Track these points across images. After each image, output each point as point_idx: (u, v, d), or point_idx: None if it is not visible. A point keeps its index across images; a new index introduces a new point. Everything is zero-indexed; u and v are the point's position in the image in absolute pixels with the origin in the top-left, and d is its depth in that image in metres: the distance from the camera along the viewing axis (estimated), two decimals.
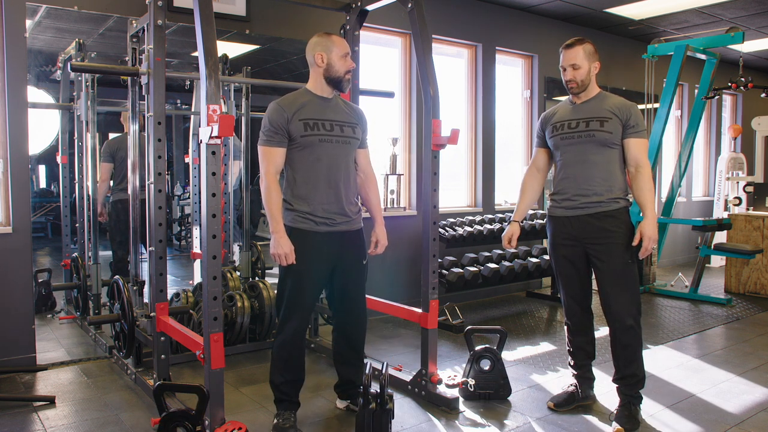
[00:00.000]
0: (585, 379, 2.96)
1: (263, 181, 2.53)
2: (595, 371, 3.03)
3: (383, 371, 2.58)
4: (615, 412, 2.75)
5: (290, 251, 2.50)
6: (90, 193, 4.18)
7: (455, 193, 5.70)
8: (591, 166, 2.73)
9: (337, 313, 2.84)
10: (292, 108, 2.55)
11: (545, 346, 4.00)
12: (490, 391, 3.03)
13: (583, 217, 2.75)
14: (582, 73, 2.73)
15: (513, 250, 2.95)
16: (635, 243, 2.70)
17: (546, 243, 5.10)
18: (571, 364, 2.98)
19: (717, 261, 7.29)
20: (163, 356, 3.01)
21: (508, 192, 6.09)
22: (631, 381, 2.74)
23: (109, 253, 4.70)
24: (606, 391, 3.02)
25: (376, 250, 2.82)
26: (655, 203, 2.76)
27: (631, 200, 2.83)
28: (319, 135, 2.57)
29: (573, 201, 2.77)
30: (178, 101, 5.04)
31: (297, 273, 2.58)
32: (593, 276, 2.85)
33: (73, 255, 4.40)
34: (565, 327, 2.97)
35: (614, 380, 2.80)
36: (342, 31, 3.63)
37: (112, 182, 4.59)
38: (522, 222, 3.05)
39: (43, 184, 6.63)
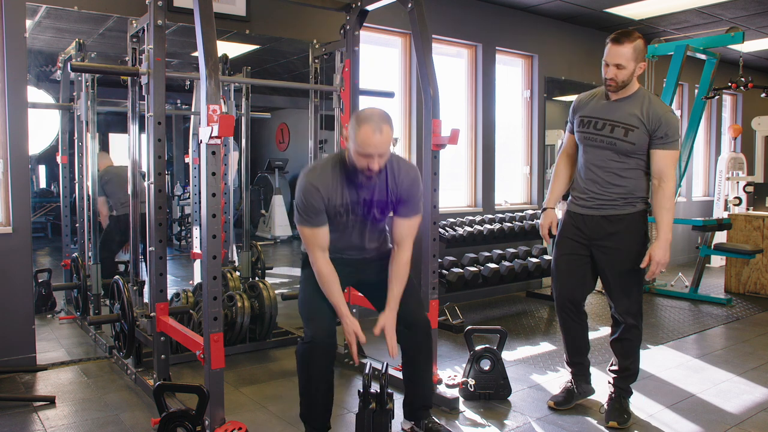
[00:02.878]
0: (580, 375, 2.99)
1: (314, 265, 2.35)
2: (592, 370, 3.03)
3: (383, 371, 2.58)
4: (606, 405, 2.79)
5: (358, 329, 2.37)
6: (90, 193, 4.18)
7: (455, 193, 5.69)
8: (609, 172, 2.67)
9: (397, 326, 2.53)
10: (326, 190, 2.30)
11: (545, 346, 4.00)
12: (490, 391, 3.03)
13: (596, 218, 2.72)
14: (625, 74, 2.55)
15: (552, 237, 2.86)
16: (644, 265, 2.62)
17: (546, 243, 5.10)
18: (567, 360, 3.01)
19: (717, 261, 7.29)
20: (163, 356, 3.01)
21: (508, 192, 6.09)
22: (625, 374, 2.79)
23: None
24: (604, 390, 3.03)
25: (386, 339, 2.41)
26: (671, 224, 2.60)
27: (650, 202, 2.76)
28: (352, 218, 2.39)
29: (588, 201, 2.74)
30: (178, 101, 5.04)
31: (313, 278, 2.43)
32: (592, 275, 2.86)
33: (73, 255, 4.40)
34: (559, 323, 2.96)
35: (609, 370, 2.84)
36: (342, 31, 3.63)
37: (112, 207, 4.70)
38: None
39: (43, 184, 6.63)
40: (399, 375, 3.21)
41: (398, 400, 3.01)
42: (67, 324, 4.40)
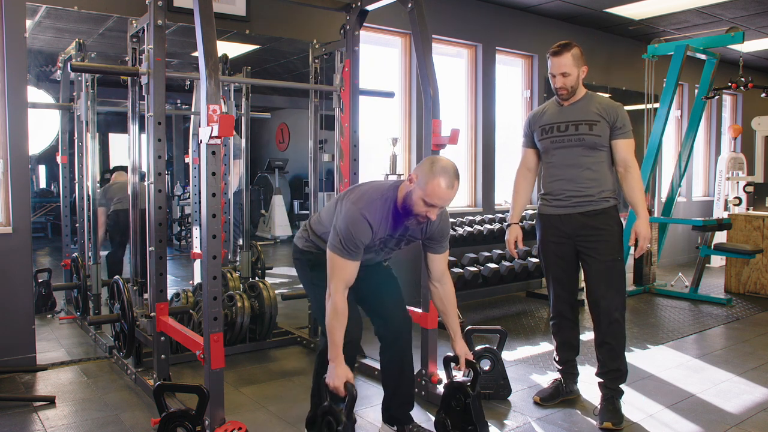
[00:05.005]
0: (569, 374, 3.03)
1: (330, 297, 2.21)
2: (588, 370, 3.04)
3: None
4: (599, 407, 2.81)
5: (341, 384, 2.18)
6: (90, 193, 4.18)
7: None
8: (581, 168, 2.78)
9: (375, 327, 2.53)
10: (377, 228, 2.25)
11: (545, 346, 4.00)
12: (490, 391, 3.03)
13: (574, 215, 2.80)
14: (571, 80, 2.75)
15: (519, 251, 2.96)
16: (631, 243, 2.78)
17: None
18: (556, 359, 3.05)
19: (717, 261, 7.29)
20: (163, 356, 3.01)
21: (508, 192, 6.08)
22: (615, 375, 2.80)
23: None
24: (592, 387, 3.02)
25: (458, 367, 2.52)
26: (645, 202, 2.83)
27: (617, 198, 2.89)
28: (380, 247, 2.36)
29: (565, 201, 2.82)
30: (178, 101, 5.04)
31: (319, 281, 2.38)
32: (581, 272, 2.91)
33: (73, 255, 4.40)
34: (551, 323, 3.02)
35: (598, 375, 2.85)
36: (342, 31, 3.63)
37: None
38: (521, 222, 3.09)
39: (43, 184, 6.63)
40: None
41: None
42: (67, 324, 4.40)
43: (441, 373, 3.20)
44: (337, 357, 2.20)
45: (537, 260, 4.90)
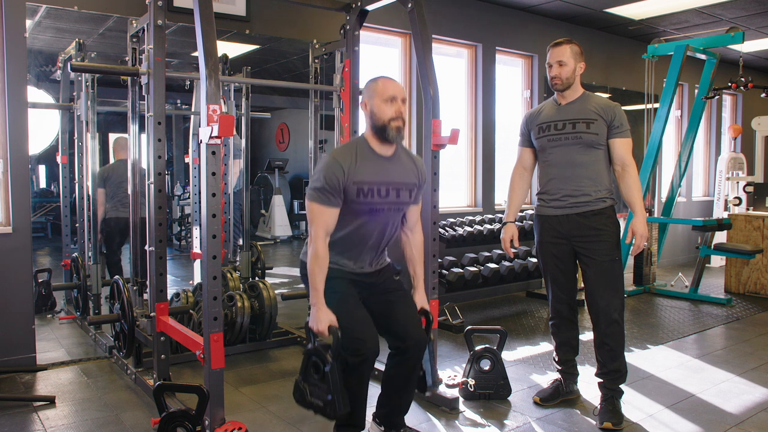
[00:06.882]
0: (569, 374, 3.03)
1: (311, 245, 2.23)
2: (587, 370, 3.04)
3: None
4: (599, 407, 2.81)
5: (325, 328, 2.17)
6: (90, 193, 4.18)
7: (455, 193, 5.69)
8: (578, 166, 2.78)
9: (390, 342, 2.44)
10: (349, 167, 2.26)
11: (545, 346, 4.00)
12: (490, 391, 3.03)
13: (572, 216, 2.80)
14: (567, 71, 2.77)
15: (514, 250, 2.98)
16: (627, 241, 2.80)
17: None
18: (556, 359, 3.05)
19: (717, 261, 7.29)
20: (163, 356, 3.01)
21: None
22: (615, 376, 2.79)
23: None
24: (592, 387, 3.03)
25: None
26: (643, 201, 2.83)
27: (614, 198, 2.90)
28: (371, 203, 2.31)
29: (562, 201, 2.82)
30: (178, 101, 5.04)
31: (335, 293, 2.33)
32: (579, 273, 2.91)
33: (73, 255, 4.40)
34: (551, 324, 3.02)
35: (598, 375, 2.85)
36: (342, 31, 3.63)
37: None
38: (518, 221, 3.09)
39: (43, 184, 6.64)
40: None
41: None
42: (67, 324, 4.40)
43: (441, 373, 3.21)
44: (319, 301, 2.20)
45: (537, 260, 4.90)
